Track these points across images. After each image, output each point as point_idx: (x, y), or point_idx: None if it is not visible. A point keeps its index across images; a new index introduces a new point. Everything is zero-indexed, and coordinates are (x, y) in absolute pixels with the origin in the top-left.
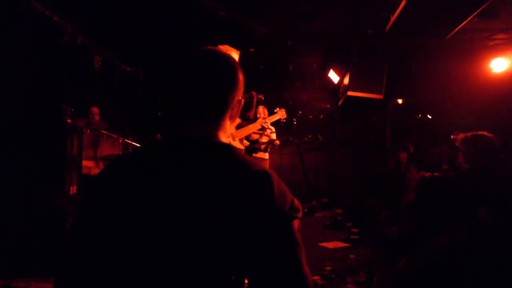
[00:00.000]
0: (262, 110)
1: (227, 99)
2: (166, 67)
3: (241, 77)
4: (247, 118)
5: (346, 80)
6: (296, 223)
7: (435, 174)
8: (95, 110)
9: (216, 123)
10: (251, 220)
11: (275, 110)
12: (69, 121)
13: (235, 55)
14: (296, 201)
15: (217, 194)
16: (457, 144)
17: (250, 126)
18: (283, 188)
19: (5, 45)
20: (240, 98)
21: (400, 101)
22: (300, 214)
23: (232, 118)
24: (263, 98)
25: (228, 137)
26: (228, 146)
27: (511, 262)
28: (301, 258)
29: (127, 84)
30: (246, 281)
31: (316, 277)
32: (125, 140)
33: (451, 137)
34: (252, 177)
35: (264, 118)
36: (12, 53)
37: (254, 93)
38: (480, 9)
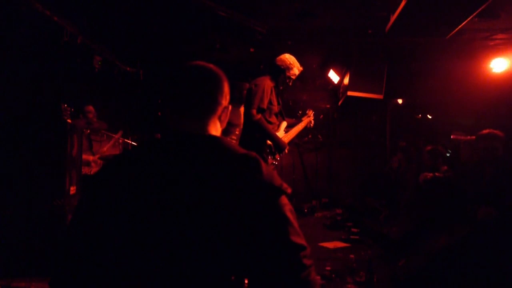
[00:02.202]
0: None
1: (215, 101)
2: (166, 73)
3: (226, 86)
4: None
5: (346, 80)
6: (286, 200)
7: (436, 174)
8: (90, 108)
9: (207, 121)
10: (246, 197)
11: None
12: (69, 121)
13: (297, 71)
14: (285, 184)
15: (212, 181)
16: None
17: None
18: (271, 171)
19: (5, 45)
20: (227, 105)
21: (400, 101)
22: (289, 191)
23: (221, 122)
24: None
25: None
26: (217, 137)
27: (510, 262)
28: (295, 230)
29: (127, 84)
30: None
31: (316, 277)
32: (125, 140)
33: (451, 137)
34: (242, 159)
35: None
36: (12, 53)
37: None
38: (480, 9)
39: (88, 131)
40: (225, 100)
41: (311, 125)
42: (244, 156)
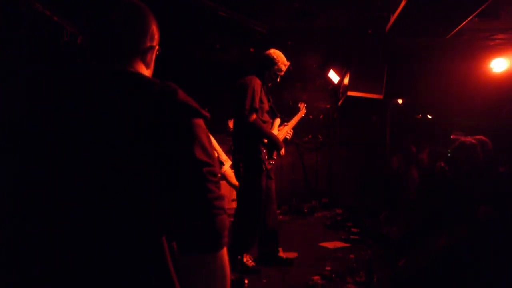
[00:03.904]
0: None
1: (135, 42)
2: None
3: (154, 27)
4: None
5: (346, 80)
6: (202, 122)
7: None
8: None
9: (129, 61)
10: (161, 117)
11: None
12: None
13: (283, 66)
14: (204, 110)
15: (130, 108)
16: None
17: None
18: (188, 96)
19: (5, 45)
20: (154, 45)
21: (400, 101)
22: (208, 115)
23: (146, 64)
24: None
25: None
26: (135, 72)
27: (511, 262)
28: (202, 148)
29: None
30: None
31: (316, 277)
32: None
33: (451, 137)
34: (159, 86)
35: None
36: (12, 53)
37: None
38: (480, 9)
39: None
40: (148, 40)
41: (309, 116)
42: (161, 84)
